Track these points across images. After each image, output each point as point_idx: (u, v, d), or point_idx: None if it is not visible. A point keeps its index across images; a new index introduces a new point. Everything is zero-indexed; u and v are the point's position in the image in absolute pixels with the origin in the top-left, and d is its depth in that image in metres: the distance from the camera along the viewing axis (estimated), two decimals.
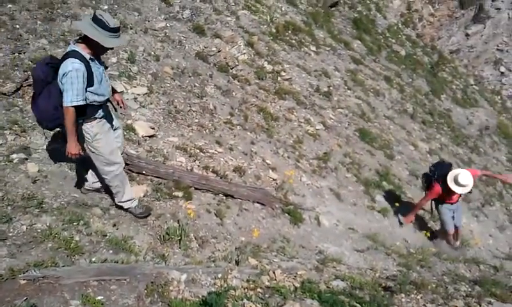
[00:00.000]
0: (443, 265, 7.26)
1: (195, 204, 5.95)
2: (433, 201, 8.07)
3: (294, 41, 11.39)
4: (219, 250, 5.41)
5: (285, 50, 10.81)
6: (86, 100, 4.35)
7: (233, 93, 8.61)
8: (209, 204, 6.14)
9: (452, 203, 7.93)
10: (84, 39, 4.34)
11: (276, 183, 7.28)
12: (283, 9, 12.39)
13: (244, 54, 9.57)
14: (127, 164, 5.71)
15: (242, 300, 4.11)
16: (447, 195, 7.73)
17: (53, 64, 4.39)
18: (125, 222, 5.06)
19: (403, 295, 5.07)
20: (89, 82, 4.35)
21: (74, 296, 3.38)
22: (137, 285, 3.71)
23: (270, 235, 6.28)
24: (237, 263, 5.13)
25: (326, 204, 7.62)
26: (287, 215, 6.83)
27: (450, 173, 7.55)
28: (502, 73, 20.61)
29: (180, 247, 5.03)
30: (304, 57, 11.11)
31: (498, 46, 20.33)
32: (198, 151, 6.92)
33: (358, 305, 4.40)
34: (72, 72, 4.17)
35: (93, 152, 4.72)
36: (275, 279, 4.87)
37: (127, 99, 6.95)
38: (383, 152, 9.96)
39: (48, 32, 7.33)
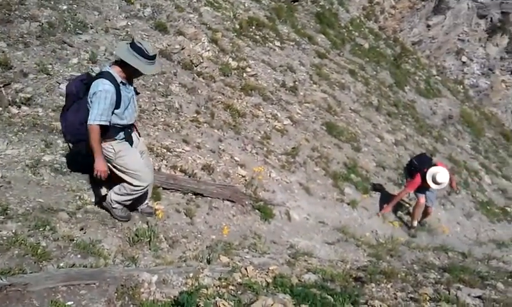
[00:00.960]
0: (412, 253, 7.38)
1: (164, 205, 5.85)
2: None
3: (258, 37, 11.38)
4: (190, 249, 5.35)
5: (249, 46, 10.79)
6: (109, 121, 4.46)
7: (199, 91, 8.51)
8: (178, 204, 6.05)
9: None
10: (121, 64, 4.46)
11: (246, 180, 7.24)
12: (246, 5, 12.37)
13: (209, 50, 9.49)
14: None
15: (214, 298, 4.06)
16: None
17: (86, 81, 4.51)
18: (92, 225, 4.93)
19: (373, 284, 5.13)
20: (116, 104, 4.45)
21: (43, 303, 3.30)
22: (107, 289, 3.64)
23: (241, 232, 6.25)
24: (209, 261, 5.09)
25: (295, 199, 7.63)
26: (257, 211, 6.80)
27: (429, 170, 8.09)
28: (464, 62, 21.12)
29: (150, 249, 4.94)
30: (269, 53, 11.10)
31: (459, 36, 20.81)
32: (165, 150, 6.81)
33: (329, 297, 4.41)
34: (101, 92, 4.27)
35: (119, 170, 4.76)
36: (247, 276, 4.84)
37: None
38: (350, 145, 10.06)
39: (6, 34, 7.12)
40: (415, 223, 8.74)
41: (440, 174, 8.09)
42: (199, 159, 7.09)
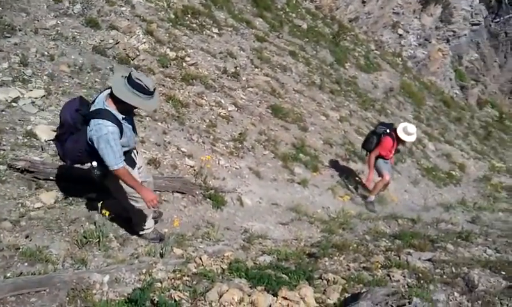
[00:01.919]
0: (363, 224, 7.53)
1: (112, 203, 5.68)
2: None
3: (195, 25, 11.22)
4: (141, 245, 5.23)
5: (186, 35, 10.62)
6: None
7: None
8: None
9: (387, 160, 8.81)
10: (117, 100, 4.28)
11: (194, 170, 7.14)
12: None
13: (144, 43, 9.27)
14: (31, 172, 5.38)
15: (168, 291, 4.03)
16: (391, 150, 8.73)
17: (83, 112, 4.36)
18: (38, 232, 4.74)
19: (327, 258, 5.20)
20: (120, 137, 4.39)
21: None
22: (57, 294, 3.54)
23: (194, 223, 6.18)
24: (162, 255, 5.01)
25: (246, 184, 7.61)
26: (208, 200, 6.73)
27: (399, 126, 8.63)
28: (400, 35, 21.62)
29: (100, 249, 4.80)
30: (207, 40, 10.97)
31: (393, 9, 21.24)
32: None
33: (284, 275, 4.44)
34: (107, 135, 4.19)
35: (120, 193, 4.80)
36: (202, 265, 4.82)
37: (24, 104, 6.51)
38: (297, 125, 10.12)
39: None
40: (373, 198, 8.92)
41: (409, 125, 8.63)
42: (144, 154, 6.92)
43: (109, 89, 4.35)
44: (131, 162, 4.78)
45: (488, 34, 30.31)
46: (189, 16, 11.41)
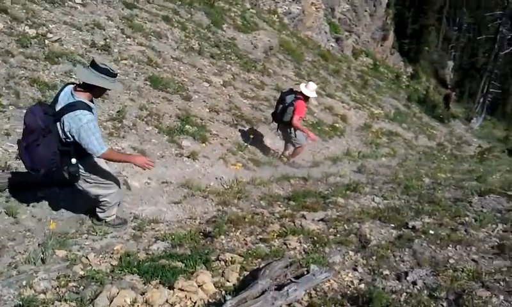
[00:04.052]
0: (258, 190, 7.43)
1: None
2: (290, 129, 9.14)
3: None
4: (20, 253, 4.65)
5: (46, 9, 9.58)
6: None
7: None
8: None
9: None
10: (87, 87, 4.57)
11: None
12: None
13: None
14: None
15: (53, 303, 3.67)
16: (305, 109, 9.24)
17: (52, 113, 4.51)
18: None
19: (223, 236, 5.03)
20: None
21: None
22: None
23: (77, 216, 5.60)
24: (43, 261, 4.50)
25: (132, 165, 7.07)
26: None
27: (302, 87, 9.07)
28: None
29: None
30: (70, 13, 10.00)
31: None
32: None
33: (179, 263, 4.23)
34: (88, 124, 4.42)
35: (94, 185, 5.01)
36: (90, 265, 4.48)
37: None
38: (179, 95, 9.68)
39: None
40: (292, 160, 9.50)
41: (308, 83, 9.22)
42: (11, 148, 6.14)
43: (72, 85, 4.68)
44: None
45: None
46: None
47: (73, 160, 4.66)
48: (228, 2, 18.26)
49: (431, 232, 5.08)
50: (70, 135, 4.48)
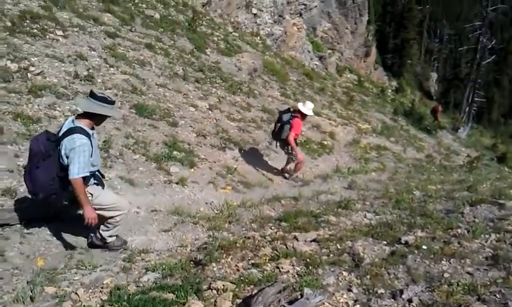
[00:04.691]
0: (249, 212, 7.34)
1: None
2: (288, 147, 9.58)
3: (35, 30, 10.10)
4: (8, 292, 4.51)
5: (28, 43, 9.52)
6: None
7: None
8: None
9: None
10: (88, 116, 4.89)
11: None
12: None
13: None
14: None
15: None
16: (301, 128, 9.82)
17: (54, 139, 4.84)
18: None
19: (214, 264, 4.92)
20: (90, 154, 4.86)
21: None
22: None
23: (65, 251, 5.48)
24: (32, 299, 4.37)
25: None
26: (79, 222, 6.03)
27: (300, 106, 9.59)
28: (255, 14, 21.84)
29: None
30: (52, 45, 9.95)
31: None
32: None
33: (170, 295, 4.13)
34: (79, 147, 4.67)
35: (98, 209, 5.09)
36: (80, 301, 4.37)
37: None
38: (166, 122, 9.62)
39: None
40: (295, 175, 9.94)
41: (307, 102, 9.96)
42: None
43: (74, 116, 5.01)
44: (100, 182, 5.32)
45: (336, 3, 31.94)
46: (28, 21, 10.26)
47: (71, 188, 4.79)
48: (211, 27, 18.36)
49: (424, 247, 5.03)
50: (65, 158, 4.72)
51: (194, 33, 16.13)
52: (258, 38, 21.56)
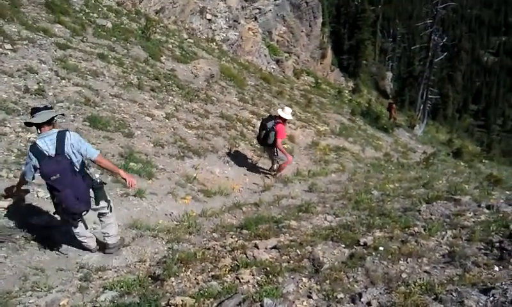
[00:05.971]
0: (210, 221, 7.27)
1: None
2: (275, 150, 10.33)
3: None
4: None
5: None
6: None
7: None
8: None
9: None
10: (48, 124, 5.22)
11: (9, 211, 6.13)
12: None
13: None
14: None
15: None
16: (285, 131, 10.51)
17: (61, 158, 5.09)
18: None
19: (173, 278, 4.81)
20: None
21: None
22: None
23: (20, 273, 5.28)
24: None
25: None
26: (32, 242, 5.83)
27: (279, 112, 10.29)
28: (210, 20, 21.75)
29: None
30: (0, 60, 9.61)
31: None
32: None
33: None
34: (78, 135, 5.38)
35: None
36: None
37: None
38: (121, 133, 9.41)
39: None
40: (279, 174, 10.67)
41: (285, 107, 10.70)
42: None
43: (40, 134, 5.25)
44: None
45: (290, 6, 32.20)
46: None
47: (97, 175, 5.73)
48: (165, 34, 18.16)
49: (381, 248, 5.07)
50: (77, 151, 5.20)
51: (148, 41, 15.92)
52: (214, 43, 21.48)
